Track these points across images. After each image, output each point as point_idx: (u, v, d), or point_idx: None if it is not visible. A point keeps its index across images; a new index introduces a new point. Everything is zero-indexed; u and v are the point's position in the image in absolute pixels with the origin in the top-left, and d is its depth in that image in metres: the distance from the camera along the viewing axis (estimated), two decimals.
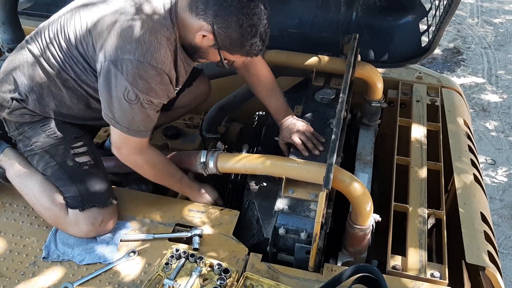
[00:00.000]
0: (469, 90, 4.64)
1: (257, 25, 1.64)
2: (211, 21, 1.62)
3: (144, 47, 1.61)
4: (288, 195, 1.77)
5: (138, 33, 1.61)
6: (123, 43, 1.62)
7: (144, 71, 1.61)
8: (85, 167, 1.83)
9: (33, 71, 1.79)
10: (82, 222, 1.78)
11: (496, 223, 3.35)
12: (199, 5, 1.64)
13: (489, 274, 1.66)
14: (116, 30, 1.63)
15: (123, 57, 1.61)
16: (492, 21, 5.77)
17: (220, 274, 1.62)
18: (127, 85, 1.62)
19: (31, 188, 1.84)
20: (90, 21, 1.70)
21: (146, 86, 1.64)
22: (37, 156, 1.84)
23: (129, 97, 1.64)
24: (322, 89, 2.24)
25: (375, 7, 2.44)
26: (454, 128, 2.29)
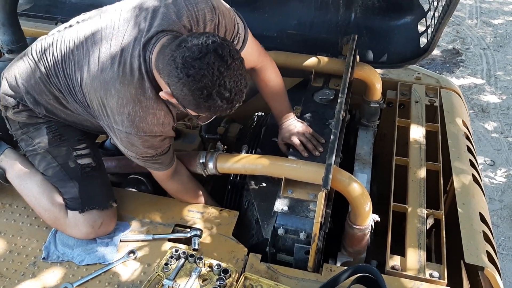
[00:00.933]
0: (468, 91, 4.65)
1: (208, 87, 1.39)
2: (167, 82, 1.47)
3: (129, 119, 1.58)
4: (287, 195, 1.77)
5: (121, 104, 1.56)
6: (110, 113, 1.60)
7: (134, 140, 1.64)
8: (86, 169, 1.83)
9: (40, 88, 1.76)
10: (81, 224, 1.78)
11: (495, 223, 3.35)
12: (159, 63, 1.49)
13: (488, 274, 1.67)
14: (100, 96, 1.59)
15: (113, 126, 1.63)
16: (491, 22, 5.77)
17: (219, 275, 1.62)
18: (122, 149, 1.72)
19: (30, 189, 1.84)
20: (86, 65, 1.63)
21: (142, 148, 1.67)
22: (39, 156, 1.84)
23: (131, 155, 1.73)
24: (321, 89, 2.24)
25: (374, 8, 2.44)
26: (453, 128, 2.29)
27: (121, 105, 1.57)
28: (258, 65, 1.95)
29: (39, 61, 1.75)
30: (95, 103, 1.63)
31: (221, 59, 1.39)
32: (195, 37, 1.42)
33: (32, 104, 1.78)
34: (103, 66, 1.59)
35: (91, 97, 1.63)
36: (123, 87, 1.56)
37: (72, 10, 2.68)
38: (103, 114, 1.63)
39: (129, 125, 1.59)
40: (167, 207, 1.91)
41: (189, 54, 1.38)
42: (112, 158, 2.18)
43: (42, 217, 1.84)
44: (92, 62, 1.62)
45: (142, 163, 1.76)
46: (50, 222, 1.83)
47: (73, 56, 1.67)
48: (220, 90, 1.41)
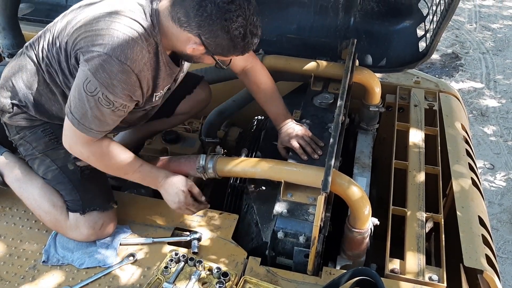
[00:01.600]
0: (467, 95, 4.66)
1: (244, 25, 1.56)
2: (197, 32, 1.57)
3: (115, 41, 1.55)
4: (287, 198, 1.78)
5: (113, 28, 1.57)
6: (96, 37, 1.57)
7: (109, 64, 1.54)
8: (86, 171, 1.83)
9: (32, 78, 1.79)
10: (82, 225, 1.79)
11: (495, 227, 3.35)
12: (180, 16, 1.58)
13: (487, 278, 1.67)
14: (91, 24, 1.60)
15: (92, 49, 1.56)
16: (490, 27, 5.79)
17: (219, 278, 1.63)
18: (88, 75, 1.56)
19: (31, 192, 1.84)
20: (75, 21, 1.67)
21: (107, 80, 1.56)
22: (37, 160, 1.84)
23: (88, 88, 1.57)
24: (321, 93, 2.25)
25: (373, 12, 2.45)
26: (452, 132, 2.30)
27: (113, 28, 1.56)
28: (248, 66, 1.98)
29: (28, 50, 1.80)
30: (80, 36, 1.60)
31: (247, 1, 1.55)
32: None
33: (26, 100, 1.79)
34: (96, 13, 1.63)
35: (77, 34, 1.62)
36: (119, 15, 1.59)
37: None
38: (88, 37, 1.58)
39: (114, 46, 1.55)
40: (167, 211, 1.91)
41: (223, 1, 1.51)
42: None
43: (43, 220, 1.84)
44: (82, 16, 1.65)
45: (84, 109, 1.60)
46: (50, 225, 1.83)
47: (65, 30, 1.68)
48: (251, 27, 1.58)
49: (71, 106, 1.61)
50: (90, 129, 1.62)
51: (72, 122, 1.62)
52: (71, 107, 1.61)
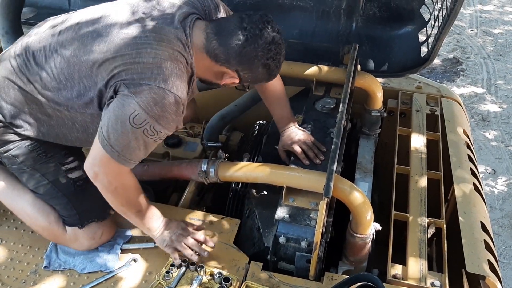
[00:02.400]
0: (468, 100, 4.66)
1: (280, 60, 1.68)
2: (236, 68, 1.64)
3: (166, 73, 1.52)
4: (289, 203, 1.78)
5: (159, 59, 1.52)
6: (141, 69, 1.51)
7: (162, 97, 1.50)
8: (78, 182, 1.76)
9: (21, 100, 1.65)
10: (82, 238, 1.77)
11: (496, 232, 3.34)
12: (218, 53, 1.61)
13: (489, 283, 1.66)
14: (131, 55, 1.53)
15: (141, 83, 1.50)
16: (491, 32, 5.80)
17: (220, 283, 1.62)
18: (137, 108, 1.49)
19: (22, 207, 1.78)
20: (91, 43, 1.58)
21: (160, 113, 1.51)
22: (26, 175, 1.74)
23: (136, 120, 1.50)
24: (323, 98, 2.25)
25: (375, 17, 2.46)
26: (453, 137, 2.30)
27: (160, 60, 1.53)
28: None
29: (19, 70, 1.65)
30: (119, 67, 1.53)
31: (280, 35, 1.64)
32: (252, 27, 1.59)
33: (9, 118, 1.66)
34: (131, 36, 1.57)
35: (114, 65, 1.54)
36: (161, 46, 1.55)
37: None
38: (131, 69, 1.52)
39: (166, 78, 1.51)
40: (168, 215, 1.89)
41: (265, 43, 1.60)
42: None
43: (41, 234, 1.80)
44: (106, 42, 1.57)
45: (126, 141, 1.53)
46: (49, 238, 1.80)
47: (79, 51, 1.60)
48: (283, 58, 1.69)
49: (110, 139, 1.52)
50: (129, 160, 1.57)
51: (111, 155, 1.54)
52: (110, 139, 1.52)
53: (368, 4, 2.44)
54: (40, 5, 2.76)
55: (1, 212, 1.93)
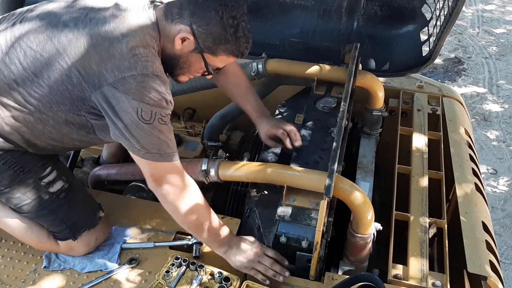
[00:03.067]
0: (470, 99, 4.65)
1: (237, 17, 1.54)
2: (188, 21, 1.53)
3: (143, 60, 1.48)
4: (289, 203, 1.77)
5: (132, 48, 1.48)
6: (118, 61, 1.47)
7: (151, 82, 1.48)
8: (61, 195, 1.70)
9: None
10: (77, 247, 1.75)
11: (498, 232, 3.34)
12: (173, 9, 1.56)
13: (491, 284, 1.66)
14: (103, 51, 1.48)
15: (123, 76, 1.46)
16: (493, 31, 5.79)
17: (220, 283, 1.62)
18: (137, 104, 1.46)
19: (11, 231, 1.74)
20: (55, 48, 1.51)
21: (157, 97, 1.48)
22: (5, 196, 1.65)
23: (144, 116, 1.47)
24: (324, 97, 2.25)
25: (376, 16, 2.45)
26: (455, 137, 2.29)
27: (132, 46, 1.48)
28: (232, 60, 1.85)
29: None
30: (86, 61, 1.48)
31: (242, 2, 1.57)
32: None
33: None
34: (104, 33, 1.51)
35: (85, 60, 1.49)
36: (132, 30, 1.51)
37: None
38: (106, 65, 1.47)
39: (144, 64, 1.47)
40: (168, 215, 1.88)
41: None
42: (113, 166, 2.18)
43: (36, 248, 1.77)
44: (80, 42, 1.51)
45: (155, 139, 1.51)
46: (47, 251, 1.78)
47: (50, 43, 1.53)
48: (244, 24, 1.56)
49: (143, 145, 1.50)
50: (171, 153, 1.55)
51: (155, 159, 1.52)
52: (144, 146, 1.50)
53: (370, 3, 2.43)
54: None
55: None
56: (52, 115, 1.57)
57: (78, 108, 1.56)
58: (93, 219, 1.77)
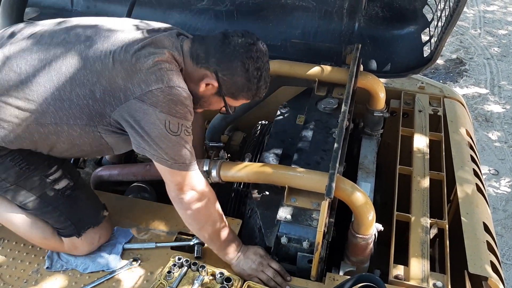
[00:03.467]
0: (471, 100, 4.65)
1: (261, 68, 1.64)
2: (215, 69, 1.61)
3: (168, 73, 1.53)
4: (291, 204, 1.77)
5: (158, 63, 1.53)
6: (144, 75, 1.50)
7: (178, 95, 1.52)
8: (67, 192, 1.71)
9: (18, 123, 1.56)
10: (80, 245, 1.76)
11: (499, 233, 3.33)
12: (200, 53, 1.62)
13: (492, 284, 1.66)
14: (129, 67, 1.52)
15: (151, 89, 1.49)
16: (494, 32, 5.78)
17: (222, 283, 1.62)
18: (165, 117, 1.50)
19: (15, 228, 1.75)
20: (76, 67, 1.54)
21: (183, 110, 1.53)
22: (11, 193, 1.67)
23: (172, 129, 1.51)
24: (325, 98, 2.25)
25: (377, 17, 2.45)
26: (456, 138, 2.29)
27: (157, 62, 1.53)
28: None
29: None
30: (122, 78, 1.52)
31: (263, 47, 1.66)
32: (235, 33, 1.62)
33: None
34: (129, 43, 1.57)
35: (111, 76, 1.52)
36: (157, 49, 1.57)
37: None
38: (132, 80, 1.51)
39: (170, 77, 1.52)
40: (170, 215, 1.90)
41: (246, 42, 1.61)
42: (115, 166, 2.19)
43: (39, 246, 1.79)
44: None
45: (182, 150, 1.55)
46: (49, 249, 1.79)
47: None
48: (266, 73, 1.67)
49: (173, 159, 1.54)
50: (194, 163, 1.60)
51: (181, 169, 1.56)
52: (174, 159, 1.54)
53: (371, 4, 2.43)
54: (43, 5, 2.77)
55: None
56: (67, 128, 1.59)
57: (95, 123, 1.58)
58: (97, 217, 1.78)
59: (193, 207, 1.62)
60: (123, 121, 1.54)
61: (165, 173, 1.59)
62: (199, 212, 1.63)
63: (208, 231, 1.66)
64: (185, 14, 2.62)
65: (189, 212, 1.63)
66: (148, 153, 1.55)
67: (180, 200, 1.61)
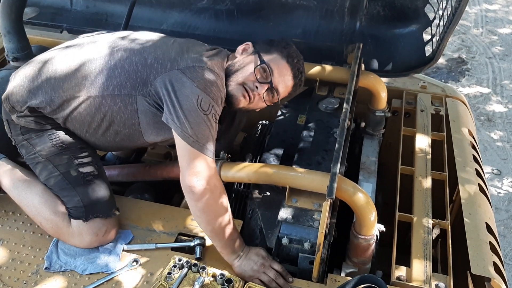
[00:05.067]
0: (474, 100, 4.63)
1: (298, 62, 1.90)
2: (257, 50, 1.85)
3: (212, 63, 1.73)
4: (292, 204, 1.76)
5: (207, 56, 1.75)
6: (193, 55, 1.72)
7: (215, 78, 1.68)
8: (89, 177, 1.80)
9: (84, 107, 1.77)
10: (85, 232, 1.77)
11: (502, 234, 3.32)
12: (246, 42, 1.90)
13: (495, 285, 1.65)
14: (185, 47, 1.78)
15: (194, 65, 1.67)
16: (496, 31, 5.77)
17: (222, 284, 1.61)
18: (199, 92, 1.62)
19: (30, 199, 1.81)
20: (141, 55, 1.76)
21: (217, 92, 1.66)
22: (40, 165, 1.81)
23: (203, 106, 1.61)
24: (326, 98, 2.24)
25: (379, 16, 2.44)
26: (458, 137, 2.28)
27: (207, 57, 1.76)
28: None
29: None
30: (175, 52, 1.75)
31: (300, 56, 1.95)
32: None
33: (49, 105, 1.76)
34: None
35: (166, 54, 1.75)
36: (206, 51, 1.81)
37: (78, 19, 2.69)
38: (182, 56, 1.72)
39: (212, 65, 1.72)
40: (170, 216, 1.90)
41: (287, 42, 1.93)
42: (115, 167, 2.18)
43: (43, 227, 1.82)
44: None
45: (207, 131, 1.62)
46: (52, 232, 1.81)
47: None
48: (300, 61, 1.91)
49: (196, 135, 1.59)
50: (212, 151, 1.64)
51: (200, 150, 1.60)
52: (197, 136, 1.59)
53: (372, 3, 2.42)
54: (42, 5, 2.76)
55: (3, 213, 1.92)
56: (110, 101, 1.74)
57: (136, 92, 1.72)
58: (108, 210, 1.81)
59: (203, 199, 1.62)
60: (162, 89, 1.67)
61: (185, 151, 1.62)
62: (209, 204, 1.64)
63: (215, 225, 1.66)
64: (185, 14, 2.61)
65: (199, 203, 1.63)
66: (174, 125, 1.62)
67: (191, 189, 1.61)
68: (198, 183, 1.60)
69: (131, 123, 1.79)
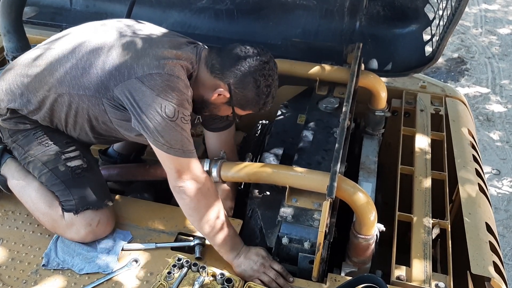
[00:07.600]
0: (473, 99, 4.63)
1: (271, 85, 1.76)
2: (228, 81, 1.72)
3: (171, 65, 1.65)
4: (292, 204, 1.76)
5: (165, 56, 1.67)
6: (149, 60, 1.65)
7: (175, 82, 1.63)
8: (77, 171, 1.82)
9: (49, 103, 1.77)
10: (78, 224, 1.78)
11: (501, 234, 3.32)
12: (215, 64, 1.74)
13: (495, 285, 1.65)
14: (141, 50, 1.69)
15: (151, 72, 1.62)
16: (496, 31, 5.77)
17: (222, 284, 1.61)
18: (161, 100, 1.59)
19: (29, 195, 1.84)
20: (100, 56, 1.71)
21: (180, 97, 1.62)
22: (31, 164, 1.84)
23: (168, 114, 1.59)
24: (326, 98, 2.24)
25: (379, 16, 2.44)
26: (458, 137, 2.28)
27: (166, 56, 1.68)
28: (222, 147, 2.03)
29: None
30: (131, 58, 1.69)
31: (275, 66, 1.79)
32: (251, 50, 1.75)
33: (25, 107, 1.77)
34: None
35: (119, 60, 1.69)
36: (174, 46, 1.75)
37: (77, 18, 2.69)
38: (138, 63, 1.66)
39: (172, 68, 1.65)
40: (170, 215, 1.89)
41: (260, 60, 1.72)
42: (114, 166, 2.18)
43: (41, 222, 1.84)
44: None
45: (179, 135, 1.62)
46: (48, 226, 1.82)
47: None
48: (274, 90, 1.80)
49: (169, 143, 1.60)
50: (192, 151, 1.66)
51: (178, 155, 1.61)
52: (169, 143, 1.60)
53: (372, 2, 2.42)
54: (42, 4, 2.76)
55: (2, 212, 1.92)
56: (78, 99, 1.73)
57: (100, 95, 1.70)
58: (99, 202, 1.81)
59: (192, 196, 1.65)
60: (124, 98, 1.65)
61: (163, 159, 1.65)
62: (199, 201, 1.66)
63: (209, 223, 1.67)
64: (184, 13, 2.61)
65: (188, 201, 1.66)
66: (145, 134, 1.63)
67: (179, 189, 1.65)
68: (184, 183, 1.64)
69: (103, 120, 1.78)
